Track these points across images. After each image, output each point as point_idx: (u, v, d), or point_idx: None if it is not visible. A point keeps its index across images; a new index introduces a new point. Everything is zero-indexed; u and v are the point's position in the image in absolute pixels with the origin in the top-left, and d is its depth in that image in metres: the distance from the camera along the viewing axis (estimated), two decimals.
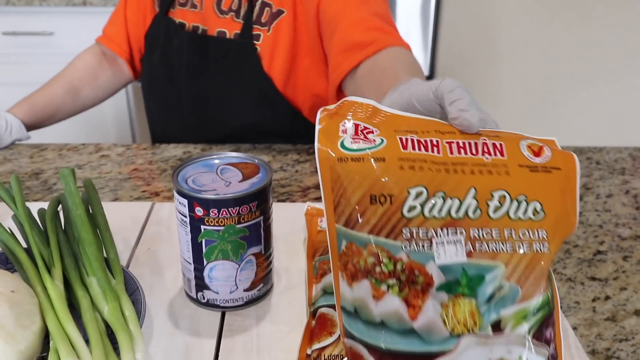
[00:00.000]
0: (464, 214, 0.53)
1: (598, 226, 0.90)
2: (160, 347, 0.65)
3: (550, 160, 0.57)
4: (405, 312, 0.52)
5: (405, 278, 0.52)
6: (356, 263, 0.53)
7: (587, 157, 1.12)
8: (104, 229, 0.70)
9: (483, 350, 0.52)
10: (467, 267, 0.53)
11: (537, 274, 0.53)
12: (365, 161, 0.54)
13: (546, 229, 0.55)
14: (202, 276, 0.68)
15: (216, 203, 0.64)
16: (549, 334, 0.54)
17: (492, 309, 0.53)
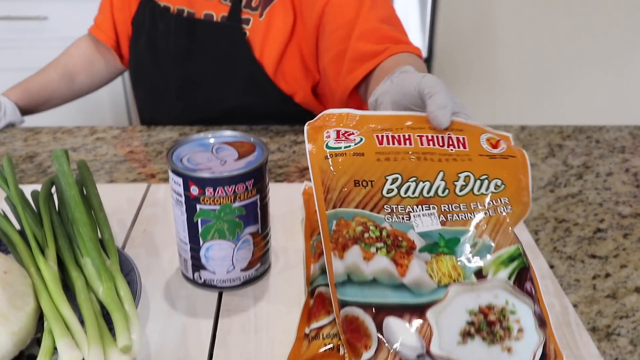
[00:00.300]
0: (435, 193, 0.62)
1: (598, 204, 0.89)
2: (157, 327, 0.64)
3: (505, 151, 0.65)
4: (395, 270, 0.57)
5: (391, 242, 0.59)
6: (346, 234, 0.59)
7: (587, 136, 1.11)
8: (98, 210, 0.69)
9: (471, 296, 0.56)
10: (443, 233, 0.60)
11: (505, 229, 0.61)
12: (347, 156, 0.63)
13: (508, 196, 0.63)
14: (198, 256, 0.67)
15: (211, 182, 0.63)
16: (529, 288, 0.58)
17: (472, 261, 0.59)
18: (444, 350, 0.53)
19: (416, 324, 0.54)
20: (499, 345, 0.54)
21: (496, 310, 0.56)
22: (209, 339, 0.63)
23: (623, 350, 0.64)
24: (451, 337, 0.54)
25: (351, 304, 0.56)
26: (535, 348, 0.54)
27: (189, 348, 0.62)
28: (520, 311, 0.56)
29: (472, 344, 0.54)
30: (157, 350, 0.61)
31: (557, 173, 0.98)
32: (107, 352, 0.53)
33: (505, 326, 0.55)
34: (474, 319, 0.55)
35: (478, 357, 0.53)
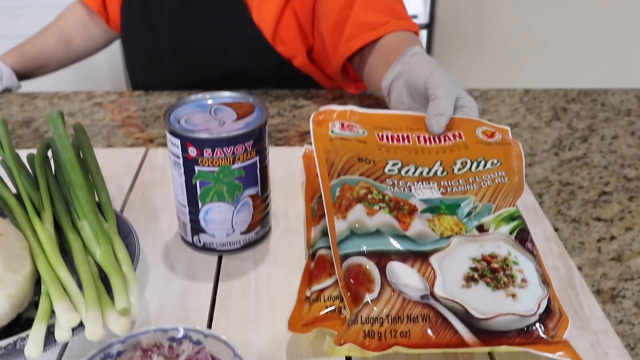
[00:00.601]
0: (434, 174, 0.65)
1: (603, 167, 0.88)
2: (156, 291, 0.63)
3: (501, 140, 0.69)
4: (397, 225, 0.58)
5: (393, 205, 0.60)
6: (349, 196, 0.60)
7: (592, 99, 1.09)
8: (94, 172, 0.68)
9: (474, 246, 0.57)
10: (444, 200, 0.62)
11: (504, 193, 0.63)
12: (351, 141, 0.67)
13: (505, 170, 0.65)
14: (197, 219, 0.66)
15: (210, 143, 0.61)
16: (530, 247, 0.58)
17: (473, 220, 0.60)
18: (447, 292, 0.53)
19: (419, 267, 0.55)
20: (503, 291, 0.54)
21: (499, 259, 0.56)
22: (208, 302, 0.62)
23: (628, 312, 0.63)
24: (455, 280, 0.54)
25: (353, 254, 0.56)
26: (539, 299, 0.54)
27: (189, 311, 0.61)
28: (523, 263, 0.56)
29: (477, 288, 0.54)
30: (156, 313, 0.61)
31: (562, 136, 0.97)
32: (105, 315, 0.52)
33: (508, 274, 0.55)
34: (477, 265, 0.55)
35: (483, 301, 0.53)
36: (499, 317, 0.52)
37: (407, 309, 0.52)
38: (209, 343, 0.54)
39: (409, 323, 0.52)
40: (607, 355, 0.56)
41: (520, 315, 0.53)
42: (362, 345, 0.51)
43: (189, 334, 0.54)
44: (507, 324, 0.53)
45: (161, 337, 0.55)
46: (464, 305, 0.53)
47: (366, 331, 0.52)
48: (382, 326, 0.52)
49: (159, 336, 0.55)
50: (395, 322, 0.52)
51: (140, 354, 0.52)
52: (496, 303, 0.53)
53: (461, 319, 0.52)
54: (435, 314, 0.52)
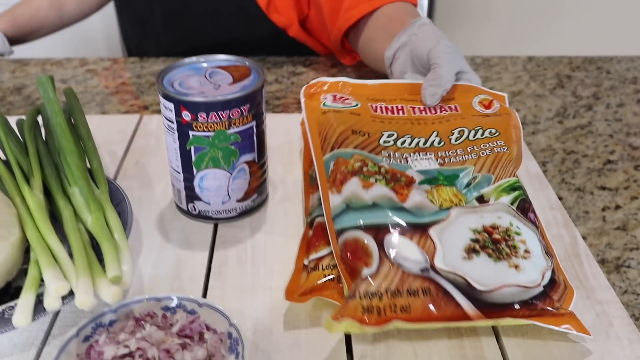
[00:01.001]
0: (431, 144, 0.62)
1: (608, 136, 0.86)
2: (150, 260, 0.62)
3: (499, 110, 0.67)
4: (395, 197, 0.56)
5: (390, 177, 0.58)
6: (344, 169, 0.58)
7: (597, 67, 1.06)
8: (86, 138, 0.65)
9: (474, 217, 0.55)
10: (442, 171, 0.60)
11: (504, 163, 0.60)
12: (344, 113, 0.64)
13: (504, 140, 0.63)
14: (192, 186, 0.64)
15: (204, 106, 0.59)
16: (532, 217, 0.57)
17: (472, 190, 0.58)
18: (448, 264, 0.51)
19: (419, 239, 0.53)
20: (506, 262, 0.52)
21: (500, 230, 0.54)
22: (204, 270, 0.61)
23: (633, 282, 0.62)
24: (455, 252, 0.52)
25: (350, 228, 0.54)
26: (543, 270, 0.52)
27: (183, 280, 0.59)
28: (526, 234, 0.54)
29: (478, 260, 0.52)
30: (150, 282, 0.59)
31: (566, 104, 0.94)
32: (96, 283, 0.50)
33: (510, 245, 0.53)
34: (478, 236, 0.53)
35: (485, 273, 0.51)
36: (502, 288, 0.51)
37: (407, 282, 0.50)
38: (203, 312, 0.52)
39: (409, 297, 0.50)
40: (612, 325, 0.54)
41: (524, 286, 0.51)
42: (361, 320, 0.49)
43: (183, 303, 0.53)
44: (510, 296, 0.51)
45: (154, 307, 0.53)
46: (465, 278, 0.51)
47: (365, 306, 0.49)
48: (382, 301, 0.50)
49: (152, 305, 0.53)
50: (395, 296, 0.50)
51: (133, 324, 0.51)
52: (499, 274, 0.51)
53: (463, 292, 0.51)
54: (436, 287, 0.51)
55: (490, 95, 0.69)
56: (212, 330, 0.51)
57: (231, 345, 0.50)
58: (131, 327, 0.51)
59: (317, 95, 0.67)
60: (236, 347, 0.49)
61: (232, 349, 0.50)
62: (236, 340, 0.50)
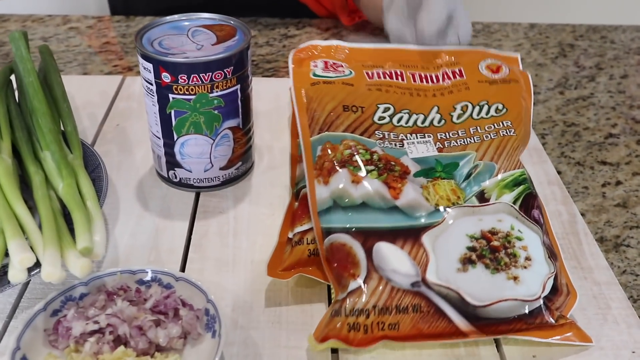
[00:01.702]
0: (430, 123, 0.57)
1: (610, 108, 0.83)
2: (127, 229, 0.59)
3: (508, 76, 0.62)
4: (387, 192, 0.51)
5: (383, 166, 0.53)
6: (332, 158, 0.53)
7: (601, 36, 1.02)
8: (61, 100, 0.62)
9: (472, 220, 0.51)
10: (440, 158, 0.55)
11: (509, 151, 0.56)
12: (336, 84, 0.58)
13: (511, 119, 0.58)
14: (172, 152, 0.61)
15: (185, 67, 0.55)
16: (537, 215, 0.52)
17: (472, 184, 0.53)
18: (441, 277, 0.47)
19: (410, 248, 0.49)
20: (504, 274, 0.48)
21: (500, 236, 0.50)
22: (183, 242, 0.58)
23: (632, 262, 0.59)
24: (449, 263, 0.48)
25: (337, 230, 0.50)
26: (544, 279, 0.48)
27: (161, 251, 0.56)
28: (528, 238, 0.50)
29: (474, 272, 0.48)
30: (126, 253, 0.56)
31: (568, 74, 0.91)
32: (64, 255, 0.47)
33: (510, 253, 0.49)
34: (475, 244, 0.49)
35: (480, 286, 0.47)
36: (498, 303, 0.47)
37: (396, 299, 0.47)
38: (180, 287, 0.50)
39: (398, 314, 0.46)
40: (610, 307, 0.52)
41: (522, 300, 0.47)
42: (346, 340, 0.46)
43: (158, 277, 0.50)
44: (507, 310, 0.47)
45: (128, 280, 0.50)
46: (459, 292, 0.47)
47: (351, 324, 0.46)
48: (369, 318, 0.46)
49: (126, 278, 0.50)
50: (383, 314, 0.46)
51: (104, 298, 0.48)
52: (495, 288, 0.47)
53: (456, 308, 0.47)
54: (427, 303, 0.47)
55: (499, 60, 0.64)
56: (189, 306, 0.48)
57: (208, 323, 0.48)
58: (102, 302, 0.48)
59: (307, 61, 0.61)
60: (213, 325, 0.47)
61: (209, 327, 0.47)
62: (213, 317, 0.47)
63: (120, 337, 0.45)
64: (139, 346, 0.45)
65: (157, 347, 0.46)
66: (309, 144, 0.55)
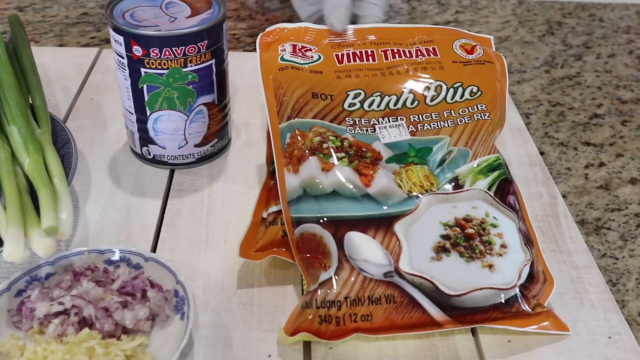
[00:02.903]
0: (402, 105, 0.55)
1: (597, 88, 0.82)
2: (98, 206, 0.57)
3: (482, 56, 0.59)
4: (358, 180, 0.50)
5: (354, 152, 0.51)
6: (302, 145, 0.51)
7: (589, 14, 1.01)
8: (29, 72, 0.60)
9: (446, 207, 0.49)
10: (413, 143, 0.53)
11: (484, 136, 0.54)
12: (304, 72, 0.56)
13: (485, 103, 0.56)
14: (145, 128, 0.59)
15: (157, 41, 0.53)
16: (513, 201, 0.51)
17: (446, 170, 0.52)
18: (415, 267, 0.46)
19: (382, 237, 0.47)
20: (479, 262, 0.47)
21: (475, 223, 0.48)
22: (155, 220, 0.56)
23: (612, 245, 0.58)
24: (423, 252, 0.47)
25: (307, 220, 0.48)
26: (520, 266, 0.47)
27: (133, 230, 0.55)
28: (503, 225, 0.49)
29: (448, 260, 0.46)
30: (96, 231, 0.55)
31: (555, 53, 0.89)
32: (28, 233, 0.46)
33: (485, 240, 0.48)
34: (449, 232, 0.48)
35: (455, 275, 0.46)
36: (473, 292, 0.45)
37: (369, 289, 0.45)
38: (149, 267, 0.48)
39: (371, 305, 0.45)
40: (587, 292, 0.51)
41: (498, 288, 0.46)
42: (317, 333, 0.44)
43: (127, 257, 0.49)
44: (483, 299, 0.46)
45: (97, 260, 0.49)
46: (433, 282, 0.45)
47: (322, 316, 0.45)
48: (340, 310, 0.45)
49: (94, 258, 0.49)
50: (355, 305, 0.45)
51: (70, 278, 0.47)
52: (470, 277, 0.46)
53: (430, 297, 0.46)
54: (401, 293, 0.45)
55: (473, 40, 0.62)
56: (157, 288, 0.47)
57: (177, 304, 0.46)
58: (68, 282, 0.46)
59: (275, 45, 0.58)
60: (182, 307, 0.46)
61: (178, 309, 0.46)
62: (182, 299, 0.46)
63: (86, 318, 0.44)
64: (104, 328, 0.44)
65: (124, 329, 0.45)
66: (278, 132, 0.53)
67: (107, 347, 0.42)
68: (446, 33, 0.62)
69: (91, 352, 0.41)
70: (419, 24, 0.95)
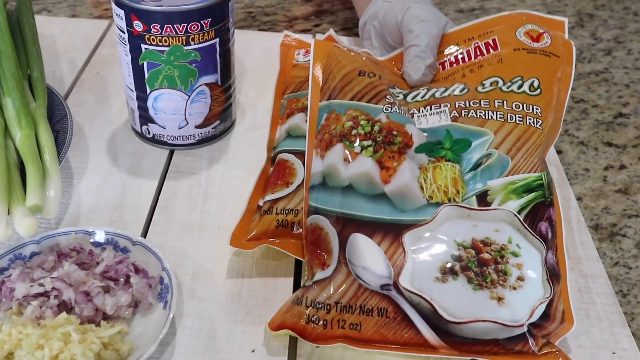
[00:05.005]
0: (450, 94, 0.52)
1: (624, 85, 0.78)
2: (93, 185, 0.56)
3: (549, 46, 0.55)
4: (377, 174, 0.46)
5: (382, 139, 0.48)
6: (333, 129, 0.49)
7: (624, 7, 0.96)
8: (30, 43, 0.58)
9: (466, 225, 0.45)
10: (452, 130, 0.49)
11: (530, 149, 0.49)
12: (360, 55, 0.55)
13: (541, 106, 0.51)
14: (145, 106, 0.57)
15: (159, 16, 0.51)
16: (545, 229, 0.45)
17: (478, 178, 0.47)
18: (415, 285, 0.42)
19: (388, 246, 0.44)
20: (488, 292, 0.42)
21: (493, 248, 0.43)
22: (149, 202, 0.54)
23: (626, 253, 0.55)
24: (428, 270, 0.43)
25: (320, 211, 0.46)
26: (535, 303, 0.42)
27: (125, 211, 0.53)
28: (526, 255, 0.44)
29: (453, 284, 0.42)
30: (87, 211, 0.53)
31: (583, 46, 0.85)
32: (12, 211, 0.44)
33: (501, 269, 0.43)
34: (462, 253, 0.43)
35: (457, 302, 0.42)
36: (474, 322, 0.42)
37: (362, 298, 0.43)
38: (136, 251, 0.47)
39: (362, 315, 0.42)
40: (595, 303, 0.48)
41: (503, 324, 0.42)
42: (303, 332, 0.42)
43: (114, 240, 0.47)
44: (484, 332, 0.42)
45: (83, 241, 0.47)
46: (432, 304, 0.42)
47: (310, 316, 0.42)
48: (329, 314, 0.42)
49: (81, 239, 0.47)
50: (345, 312, 0.43)
51: (53, 259, 0.45)
52: (475, 306, 0.42)
53: (426, 319, 0.42)
54: (395, 308, 0.42)
55: (541, 25, 0.56)
56: (142, 273, 0.45)
57: (161, 292, 0.45)
58: (51, 263, 0.45)
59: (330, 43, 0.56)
60: (166, 295, 0.44)
61: (162, 296, 0.45)
62: (167, 286, 0.44)
63: (66, 302, 0.43)
64: (84, 313, 0.42)
65: (104, 315, 0.43)
66: (316, 110, 0.50)
67: (84, 333, 0.41)
68: (512, 18, 0.57)
69: (67, 338, 0.40)
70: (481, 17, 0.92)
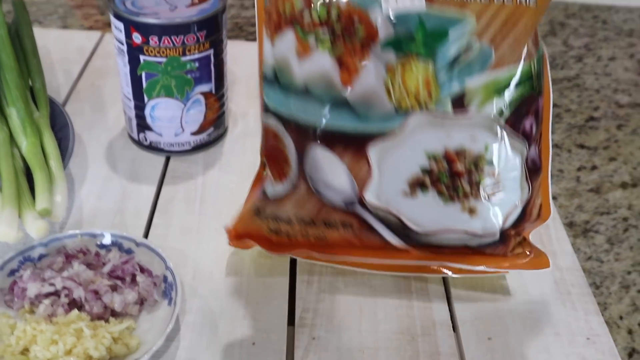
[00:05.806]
0: None
1: (595, 90, 0.82)
2: (93, 191, 0.58)
3: None
4: (337, 75, 0.40)
5: (341, 29, 0.40)
6: (281, 9, 0.41)
7: (593, 16, 1.01)
8: (30, 54, 0.60)
9: (437, 133, 0.40)
10: (426, 18, 0.40)
11: (518, 34, 0.40)
12: None
13: None
14: (143, 115, 0.60)
15: (157, 29, 0.54)
16: (529, 126, 0.41)
17: (454, 77, 0.40)
18: (382, 200, 0.39)
19: (351, 159, 0.40)
20: (459, 204, 0.40)
21: (468, 159, 0.40)
22: (149, 206, 0.57)
23: (599, 248, 0.59)
24: (396, 184, 0.40)
25: (272, 112, 0.41)
26: (509, 210, 0.40)
27: (126, 215, 0.56)
28: (503, 160, 0.40)
29: (423, 199, 0.39)
30: (90, 215, 0.56)
31: (555, 54, 0.90)
32: (23, 215, 0.47)
33: (474, 180, 0.40)
34: (433, 165, 0.40)
35: (427, 215, 0.39)
36: (444, 233, 0.39)
37: (323, 212, 0.40)
38: (140, 252, 0.49)
39: (325, 228, 0.40)
40: (570, 293, 0.52)
41: (474, 234, 0.40)
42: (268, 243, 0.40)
43: (119, 242, 0.50)
44: (454, 241, 0.40)
45: (89, 243, 0.50)
46: (400, 218, 0.39)
47: (272, 228, 0.40)
48: (291, 226, 0.40)
49: (87, 241, 0.50)
50: (308, 225, 0.40)
51: (62, 260, 0.48)
52: (445, 218, 0.39)
53: (394, 230, 0.40)
54: (360, 222, 0.40)
55: None
56: (147, 273, 0.48)
57: (165, 290, 0.47)
58: (60, 264, 0.47)
59: None
60: (170, 292, 0.47)
61: (166, 294, 0.47)
62: (171, 284, 0.47)
63: (76, 300, 0.45)
64: (93, 310, 0.45)
65: (113, 312, 0.46)
66: None
67: (95, 328, 0.43)
68: None
69: (79, 333, 0.42)
70: None
